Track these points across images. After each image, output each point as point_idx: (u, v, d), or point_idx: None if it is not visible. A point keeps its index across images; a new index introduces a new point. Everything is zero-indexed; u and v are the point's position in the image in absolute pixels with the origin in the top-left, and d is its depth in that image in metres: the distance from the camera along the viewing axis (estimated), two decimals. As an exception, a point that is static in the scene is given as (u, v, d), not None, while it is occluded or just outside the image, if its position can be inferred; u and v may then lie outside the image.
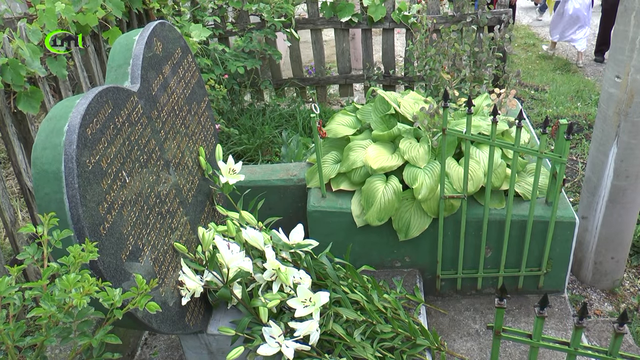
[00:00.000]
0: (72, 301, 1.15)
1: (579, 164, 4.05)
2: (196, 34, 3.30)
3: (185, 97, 2.09)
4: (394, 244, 2.47)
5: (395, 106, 2.54)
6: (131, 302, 1.27)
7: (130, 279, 1.50)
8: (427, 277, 2.59)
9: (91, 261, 1.32)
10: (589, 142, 4.29)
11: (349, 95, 4.87)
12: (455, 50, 3.21)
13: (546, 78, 5.82)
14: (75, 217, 1.33)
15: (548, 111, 4.94)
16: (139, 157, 1.67)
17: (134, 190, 1.61)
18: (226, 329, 1.85)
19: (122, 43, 1.83)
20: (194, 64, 2.22)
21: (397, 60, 5.81)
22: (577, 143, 4.34)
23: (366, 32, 4.46)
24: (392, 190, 2.30)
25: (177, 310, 1.76)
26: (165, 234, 1.77)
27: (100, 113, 1.48)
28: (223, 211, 2.17)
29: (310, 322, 1.76)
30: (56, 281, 1.17)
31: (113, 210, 1.48)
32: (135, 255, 1.56)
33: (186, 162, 2.01)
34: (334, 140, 2.66)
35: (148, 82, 1.80)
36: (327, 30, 6.43)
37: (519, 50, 6.88)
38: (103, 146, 1.48)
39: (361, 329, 1.90)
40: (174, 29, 2.06)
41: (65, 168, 1.32)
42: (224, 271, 1.83)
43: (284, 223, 2.15)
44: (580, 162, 4.08)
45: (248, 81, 4.43)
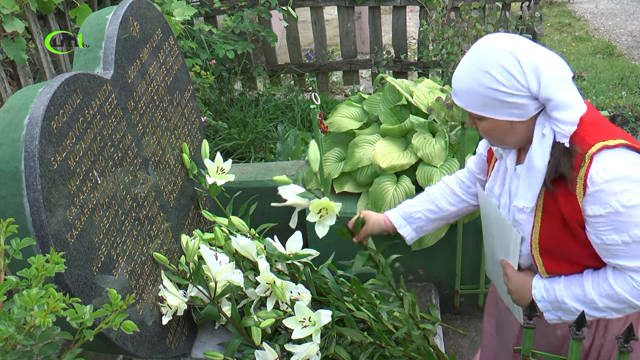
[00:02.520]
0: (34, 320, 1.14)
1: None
2: (179, 13, 3.30)
3: (167, 86, 2.09)
4: (406, 255, 2.47)
5: (407, 96, 2.54)
6: (104, 321, 1.26)
7: (103, 295, 1.50)
8: (444, 292, 2.58)
9: (57, 274, 1.32)
10: (635, 136, 4.28)
11: (355, 83, 4.86)
12: (477, 31, 3.21)
13: (584, 63, 5.81)
14: (38, 223, 1.32)
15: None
16: (112, 155, 1.66)
17: (106, 192, 1.61)
18: (213, 352, 1.85)
19: (92, 23, 1.83)
20: (176, 47, 2.22)
21: (410, 42, 5.80)
22: (621, 138, 4.33)
23: (374, 10, 4.46)
24: (404, 192, 2.30)
25: (156, 331, 1.76)
26: (143, 243, 1.76)
27: (68, 104, 1.48)
28: (210, 216, 2.17)
29: (310, 345, 1.75)
30: (15, 297, 1.17)
31: (82, 215, 1.48)
32: (108, 266, 1.56)
33: (167, 160, 2.01)
34: (337, 135, 2.66)
35: (123, 68, 1.80)
36: (330, 8, 6.43)
37: (551, 31, 6.87)
38: (71, 142, 1.47)
39: (368, 352, 1.89)
40: (153, 6, 2.06)
41: (26, 167, 1.32)
42: (211, 285, 1.83)
43: (279, 230, 2.15)
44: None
45: (239, 67, 4.44)
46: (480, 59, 1.32)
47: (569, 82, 1.32)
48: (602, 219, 1.29)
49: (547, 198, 1.38)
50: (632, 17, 6.92)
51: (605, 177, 1.26)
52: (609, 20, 6.93)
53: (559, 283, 1.43)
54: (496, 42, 1.32)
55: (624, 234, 1.28)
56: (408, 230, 1.77)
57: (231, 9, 4.29)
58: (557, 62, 1.31)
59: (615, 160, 1.27)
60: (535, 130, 1.34)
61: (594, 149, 1.28)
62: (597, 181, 1.27)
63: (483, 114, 1.33)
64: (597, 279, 1.37)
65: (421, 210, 1.76)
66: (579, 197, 1.30)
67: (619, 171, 1.26)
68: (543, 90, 1.27)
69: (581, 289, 1.38)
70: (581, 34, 6.71)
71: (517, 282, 1.51)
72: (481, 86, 1.30)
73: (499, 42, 1.31)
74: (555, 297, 1.42)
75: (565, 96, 1.29)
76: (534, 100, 1.30)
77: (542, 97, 1.28)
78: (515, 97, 1.29)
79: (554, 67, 1.29)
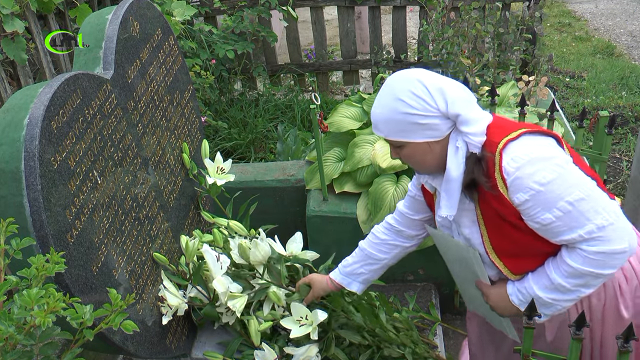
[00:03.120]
0: (34, 320, 1.14)
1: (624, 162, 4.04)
2: (179, 13, 3.30)
3: (167, 86, 2.09)
4: (406, 255, 2.47)
5: (407, 96, 2.53)
6: (104, 321, 1.26)
7: (103, 295, 1.50)
8: (444, 292, 2.58)
9: (57, 274, 1.32)
10: (635, 136, 4.27)
11: (355, 83, 4.86)
12: (477, 31, 3.21)
13: (584, 63, 5.81)
14: (38, 223, 1.32)
15: (586, 101, 4.93)
16: (112, 155, 1.67)
17: (106, 192, 1.61)
18: (212, 353, 1.85)
19: (92, 23, 1.83)
20: (176, 47, 2.22)
21: (410, 42, 5.80)
22: (621, 138, 4.32)
23: (374, 10, 4.46)
24: (404, 192, 2.30)
25: (156, 331, 1.76)
26: (143, 243, 1.76)
27: (68, 104, 1.48)
28: (209, 218, 2.17)
29: (309, 347, 1.76)
30: (15, 297, 1.17)
31: (82, 215, 1.48)
32: (108, 267, 1.56)
33: (167, 160, 2.01)
34: (337, 135, 2.66)
35: (123, 68, 1.80)
36: (330, 8, 6.43)
37: (551, 31, 6.87)
38: (71, 142, 1.47)
39: (367, 354, 1.89)
40: (153, 6, 2.06)
41: (26, 167, 1.32)
42: (211, 286, 1.83)
43: (280, 230, 2.15)
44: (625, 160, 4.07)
45: (238, 67, 4.43)
46: (391, 89, 1.42)
47: (473, 102, 1.43)
48: (529, 203, 1.34)
49: (482, 205, 1.45)
50: (632, 17, 6.92)
51: (515, 165, 1.34)
52: (609, 20, 6.93)
53: (528, 280, 1.47)
54: (403, 74, 1.44)
55: (553, 209, 1.33)
56: (356, 285, 1.85)
57: (231, 9, 4.29)
58: (460, 86, 1.43)
59: (520, 147, 1.36)
60: (449, 145, 1.44)
61: (500, 145, 1.37)
62: (510, 171, 1.34)
63: (402, 139, 1.43)
64: (556, 262, 1.42)
65: (361, 266, 1.84)
66: (504, 192, 1.37)
67: (525, 155, 1.34)
68: (450, 107, 1.38)
69: (547, 278, 1.43)
70: (581, 34, 6.71)
71: (495, 297, 1.55)
72: (396, 113, 1.40)
73: (406, 74, 1.43)
74: (530, 295, 1.45)
75: (471, 112, 1.40)
76: (445, 120, 1.40)
77: (450, 114, 1.39)
78: (428, 119, 1.39)
79: (457, 89, 1.42)
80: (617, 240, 1.33)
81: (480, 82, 2.85)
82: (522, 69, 3.77)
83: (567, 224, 1.34)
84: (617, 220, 1.33)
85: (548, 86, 3.59)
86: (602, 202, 1.33)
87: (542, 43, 6.37)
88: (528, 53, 3.37)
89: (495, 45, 3.24)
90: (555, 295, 1.41)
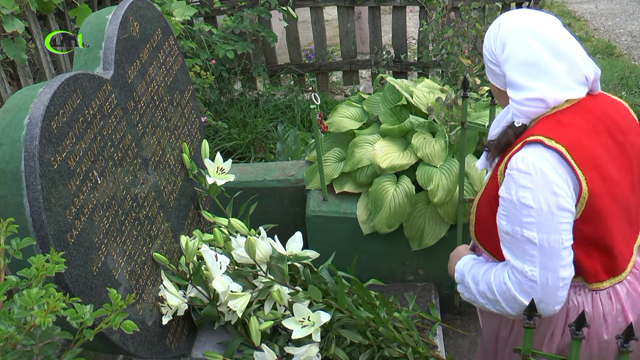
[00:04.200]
0: (34, 320, 1.14)
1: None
2: (179, 13, 3.30)
3: (167, 86, 2.09)
4: (406, 255, 2.47)
5: (407, 96, 2.54)
6: (104, 321, 1.26)
7: (103, 295, 1.50)
8: (444, 292, 2.58)
9: (57, 274, 1.32)
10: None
11: (354, 84, 4.86)
12: (477, 31, 3.21)
13: (582, 63, 5.80)
14: (38, 223, 1.32)
15: (584, 101, 4.92)
16: (112, 155, 1.66)
17: (106, 192, 1.61)
18: (212, 353, 1.85)
19: (92, 23, 1.83)
20: (176, 47, 2.22)
21: (410, 43, 5.80)
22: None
23: (374, 10, 4.46)
24: (404, 192, 2.30)
25: (157, 331, 1.76)
26: (143, 243, 1.76)
27: (68, 104, 1.48)
28: (209, 217, 2.17)
29: (310, 347, 1.76)
30: (15, 297, 1.17)
31: (82, 215, 1.48)
32: (108, 267, 1.56)
33: (167, 161, 2.01)
34: (336, 135, 2.66)
35: (123, 68, 1.80)
36: (329, 9, 6.43)
37: (550, 32, 6.86)
38: (71, 142, 1.47)
39: (367, 353, 1.89)
40: (153, 6, 2.06)
41: (26, 167, 1.32)
42: (211, 286, 1.83)
43: (280, 230, 2.15)
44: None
45: (238, 67, 4.43)
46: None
47: (538, 70, 1.32)
48: (502, 202, 1.34)
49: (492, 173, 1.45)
50: (632, 17, 6.92)
51: (520, 166, 1.29)
52: (608, 20, 6.93)
53: (477, 262, 1.51)
54: (509, 13, 1.40)
55: (511, 225, 1.32)
56: None
57: (231, 9, 4.29)
58: (537, 48, 1.32)
59: (537, 156, 1.29)
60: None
61: (532, 137, 1.31)
62: (512, 165, 1.31)
63: (488, 77, 1.45)
64: (495, 267, 1.43)
65: None
66: (500, 175, 1.37)
67: (532, 168, 1.28)
68: (503, 63, 1.35)
69: (480, 271, 1.46)
70: (581, 34, 6.71)
71: (454, 252, 1.65)
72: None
73: (507, 13, 1.39)
74: (464, 271, 1.51)
75: (519, 77, 1.33)
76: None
77: (502, 70, 1.36)
78: (491, 64, 1.39)
79: (527, 50, 1.32)
80: (525, 295, 1.33)
81: (480, 82, 2.84)
82: (522, 69, 3.76)
83: (512, 248, 1.34)
84: (544, 285, 1.31)
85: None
86: (549, 260, 1.30)
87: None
88: (528, 53, 3.37)
89: (495, 45, 3.23)
90: (471, 286, 1.47)
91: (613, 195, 1.34)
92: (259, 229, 2.07)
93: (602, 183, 1.32)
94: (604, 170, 1.33)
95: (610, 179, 1.34)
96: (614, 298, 1.44)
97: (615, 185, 1.35)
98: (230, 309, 1.82)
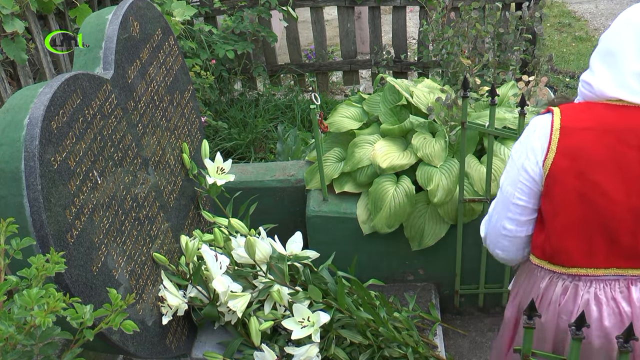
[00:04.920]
0: (34, 320, 1.14)
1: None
2: (179, 13, 3.30)
3: (167, 86, 2.09)
4: (406, 255, 2.47)
5: (407, 96, 2.54)
6: (104, 321, 1.26)
7: (103, 295, 1.50)
8: (444, 292, 2.58)
9: (57, 274, 1.32)
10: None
11: (354, 84, 4.86)
12: (477, 31, 3.21)
13: (584, 63, 5.80)
14: (38, 223, 1.32)
15: (584, 101, 4.93)
16: (112, 155, 1.67)
17: (106, 192, 1.61)
18: (212, 353, 1.85)
19: (92, 23, 1.83)
20: (176, 47, 2.22)
21: (410, 43, 5.80)
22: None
23: (374, 10, 4.46)
24: (404, 192, 2.30)
25: (157, 331, 1.76)
26: (143, 243, 1.76)
27: (68, 104, 1.48)
28: (209, 217, 2.17)
29: (310, 347, 1.76)
30: (15, 297, 1.17)
31: (82, 215, 1.48)
32: (108, 267, 1.56)
33: (167, 161, 2.01)
34: (337, 135, 2.66)
35: (123, 68, 1.80)
36: (330, 8, 6.42)
37: (551, 31, 6.87)
38: (71, 142, 1.47)
39: (367, 353, 1.89)
40: (153, 6, 2.06)
41: (26, 167, 1.32)
42: (211, 286, 1.83)
43: (280, 230, 2.15)
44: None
45: (238, 67, 4.43)
46: None
47: (612, 59, 1.36)
48: None
49: None
50: None
51: (529, 124, 1.47)
52: (608, 20, 6.93)
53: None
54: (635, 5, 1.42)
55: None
56: None
57: (231, 9, 4.29)
58: (627, 41, 1.34)
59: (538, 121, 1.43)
60: None
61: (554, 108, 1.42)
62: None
63: None
64: None
65: None
66: None
67: (529, 128, 1.45)
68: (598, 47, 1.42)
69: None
70: (581, 34, 6.71)
71: None
72: None
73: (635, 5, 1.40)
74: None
75: (594, 59, 1.41)
76: None
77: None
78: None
79: (616, 39, 1.36)
80: (484, 225, 1.61)
81: (480, 82, 2.84)
82: (522, 69, 3.77)
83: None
84: (491, 222, 1.55)
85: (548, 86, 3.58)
86: (500, 206, 1.51)
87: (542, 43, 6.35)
88: (528, 53, 3.37)
89: (495, 45, 3.23)
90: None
91: (584, 197, 1.36)
92: (259, 229, 2.07)
93: (574, 176, 1.36)
94: (587, 168, 1.35)
95: (591, 181, 1.35)
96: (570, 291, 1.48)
97: (596, 191, 1.35)
98: (230, 309, 1.82)
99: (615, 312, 1.44)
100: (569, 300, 1.48)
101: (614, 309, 1.44)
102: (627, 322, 1.42)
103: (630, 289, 1.43)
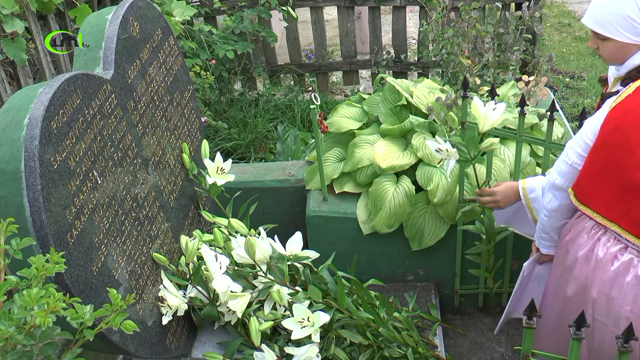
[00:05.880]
0: (34, 320, 1.14)
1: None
2: (179, 13, 3.30)
3: (167, 86, 2.09)
4: (406, 255, 2.47)
5: (407, 96, 2.54)
6: (104, 321, 1.26)
7: (103, 295, 1.50)
8: (444, 292, 2.58)
9: (57, 274, 1.32)
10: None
11: (354, 84, 4.86)
12: (477, 31, 3.21)
13: (584, 63, 5.80)
14: (38, 223, 1.32)
15: (586, 102, 4.93)
16: (112, 155, 1.67)
17: (106, 192, 1.61)
18: (212, 353, 1.85)
19: (92, 23, 1.83)
20: (176, 47, 2.22)
21: (410, 43, 5.80)
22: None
23: (374, 10, 4.46)
24: (404, 192, 2.30)
25: (157, 331, 1.76)
26: (143, 243, 1.76)
27: (68, 104, 1.48)
28: (209, 217, 2.17)
29: (310, 347, 1.76)
30: (15, 297, 1.17)
31: (82, 215, 1.48)
32: (108, 267, 1.56)
33: (167, 161, 2.01)
34: (336, 135, 2.66)
35: (123, 68, 1.80)
36: (330, 8, 6.42)
37: (551, 31, 6.86)
38: (71, 142, 1.47)
39: (367, 353, 1.89)
40: (153, 6, 2.06)
41: (26, 167, 1.32)
42: (211, 286, 1.83)
43: (280, 230, 2.15)
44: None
45: (238, 67, 4.43)
46: None
47: None
48: None
49: None
50: (632, 17, 6.90)
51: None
52: (609, 20, 6.90)
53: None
54: None
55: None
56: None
57: (231, 9, 4.29)
58: None
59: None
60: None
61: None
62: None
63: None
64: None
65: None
66: None
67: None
68: None
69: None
70: (581, 34, 6.70)
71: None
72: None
73: None
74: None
75: None
76: None
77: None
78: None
79: None
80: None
81: (480, 82, 2.84)
82: (522, 69, 3.77)
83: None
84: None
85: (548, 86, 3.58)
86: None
87: (542, 43, 6.36)
88: (528, 53, 3.37)
89: (495, 45, 3.23)
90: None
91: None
92: (258, 229, 2.07)
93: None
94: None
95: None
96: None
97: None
98: (230, 309, 1.82)
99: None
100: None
101: None
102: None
103: None
